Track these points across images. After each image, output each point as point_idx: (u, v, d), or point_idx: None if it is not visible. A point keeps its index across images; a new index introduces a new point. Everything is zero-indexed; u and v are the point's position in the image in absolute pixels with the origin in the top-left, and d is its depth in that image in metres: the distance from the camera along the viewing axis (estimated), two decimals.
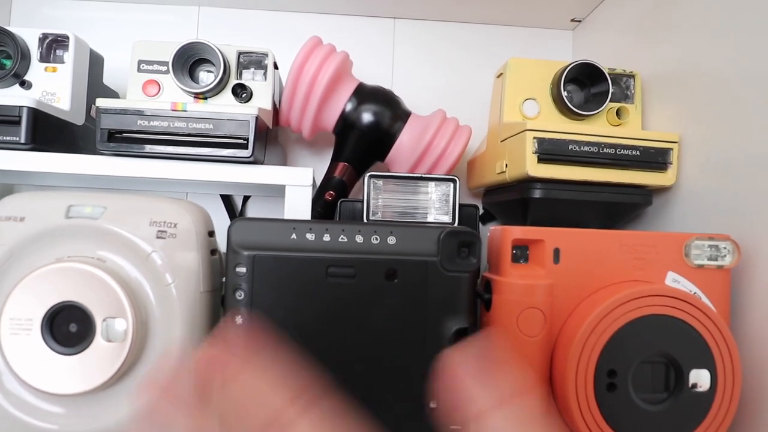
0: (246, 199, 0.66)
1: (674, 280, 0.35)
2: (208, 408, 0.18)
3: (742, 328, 0.36)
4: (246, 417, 0.18)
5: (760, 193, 0.36)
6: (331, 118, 0.55)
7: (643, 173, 0.45)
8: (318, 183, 0.56)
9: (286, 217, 0.44)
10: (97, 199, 0.30)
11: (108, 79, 0.55)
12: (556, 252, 0.34)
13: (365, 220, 0.47)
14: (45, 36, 0.47)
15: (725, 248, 0.36)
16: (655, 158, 0.44)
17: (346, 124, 0.55)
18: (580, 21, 0.67)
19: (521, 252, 0.35)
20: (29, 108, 0.42)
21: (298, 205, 0.45)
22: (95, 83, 0.51)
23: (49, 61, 0.47)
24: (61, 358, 0.27)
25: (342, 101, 0.54)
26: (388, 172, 0.50)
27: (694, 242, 0.36)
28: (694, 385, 0.33)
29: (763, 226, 0.35)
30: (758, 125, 0.37)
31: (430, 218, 0.49)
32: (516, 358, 0.20)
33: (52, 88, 0.47)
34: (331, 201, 0.54)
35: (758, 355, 0.35)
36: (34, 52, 0.47)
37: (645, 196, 0.46)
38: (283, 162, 0.63)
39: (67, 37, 0.47)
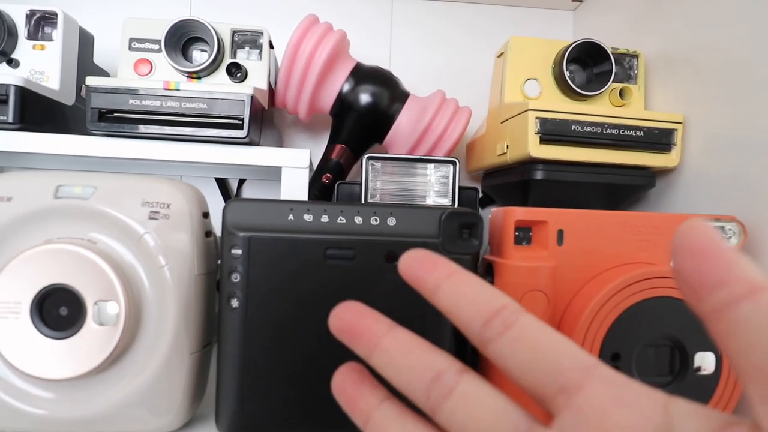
0: (241, 182, 0.65)
1: None
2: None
3: None
4: (409, 373, 0.17)
5: (766, 174, 0.35)
6: (328, 99, 0.53)
7: (646, 154, 0.44)
8: (315, 165, 0.55)
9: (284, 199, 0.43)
10: (87, 178, 0.29)
11: (99, 58, 0.53)
12: (560, 233, 0.33)
13: (363, 203, 0.46)
14: (33, 12, 0.46)
15: (731, 229, 0.35)
16: (658, 139, 0.44)
17: (343, 105, 0.53)
18: (581, 1, 0.66)
19: (524, 234, 0.34)
20: (17, 86, 0.40)
21: (295, 188, 0.44)
22: (85, 62, 0.50)
23: (37, 39, 0.46)
24: (51, 342, 0.26)
25: (339, 81, 0.53)
26: (387, 154, 0.49)
27: None
28: (699, 368, 0.33)
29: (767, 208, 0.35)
30: (763, 105, 0.36)
31: (429, 201, 0.48)
32: None
33: (40, 66, 0.45)
34: (329, 184, 0.53)
35: None
36: (22, 30, 0.45)
37: (648, 177, 0.45)
38: (279, 144, 0.62)
39: (56, 14, 0.46)
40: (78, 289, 0.27)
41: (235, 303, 0.29)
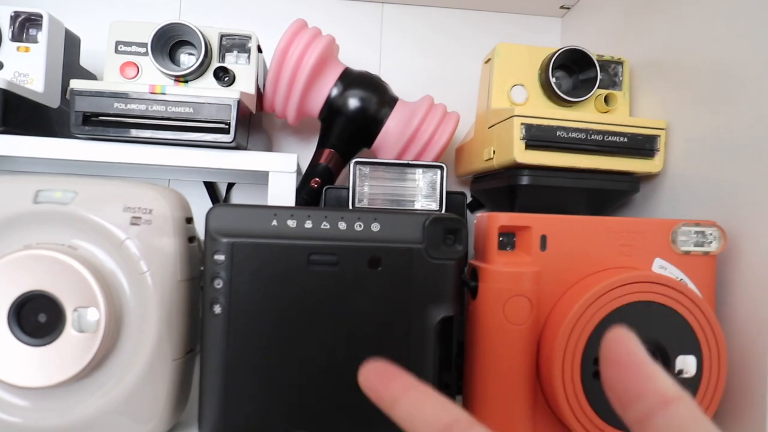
0: (230, 186, 0.65)
1: (661, 267, 0.35)
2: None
3: (727, 314, 0.36)
4: (422, 423, 0.17)
5: (746, 180, 0.36)
6: (317, 104, 0.53)
7: (630, 160, 0.44)
8: (303, 170, 0.55)
9: (270, 204, 0.43)
10: (67, 183, 0.29)
11: (86, 61, 0.53)
12: (543, 239, 0.33)
13: (351, 208, 0.46)
14: (17, 14, 0.45)
15: (711, 234, 0.36)
16: (642, 145, 0.44)
17: (331, 109, 0.53)
18: (569, 8, 0.66)
19: (508, 239, 0.34)
20: (0, 89, 0.40)
21: (282, 192, 0.43)
22: (71, 65, 0.50)
23: (21, 41, 0.45)
24: (29, 349, 0.26)
25: (328, 86, 0.53)
26: (375, 158, 0.49)
27: (681, 228, 0.36)
28: (680, 372, 0.33)
29: (748, 213, 0.35)
30: (744, 113, 0.36)
31: (418, 205, 0.48)
32: None
33: (24, 68, 0.45)
34: (317, 188, 0.53)
35: (744, 341, 0.35)
36: (6, 31, 0.45)
37: (632, 183, 0.46)
38: (268, 149, 0.62)
39: (41, 16, 0.45)
40: (57, 296, 0.27)
41: (217, 309, 0.29)
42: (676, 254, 0.36)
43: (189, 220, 0.32)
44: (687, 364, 0.33)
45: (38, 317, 0.26)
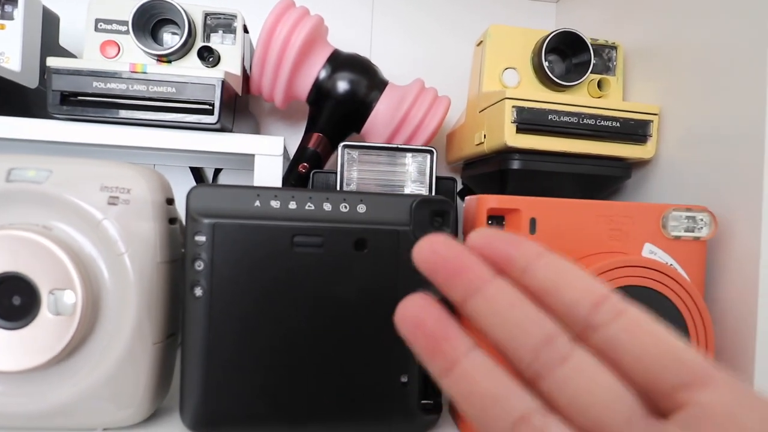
0: (217, 171, 0.64)
1: (651, 252, 0.35)
2: None
3: (717, 299, 0.36)
4: (516, 328, 0.15)
5: (737, 166, 0.35)
6: (305, 86, 0.52)
7: (622, 145, 0.44)
8: (291, 154, 0.54)
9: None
10: (41, 162, 0.28)
11: (65, 40, 0.51)
12: (533, 222, 0.33)
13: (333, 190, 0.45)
14: None
15: (702, 220, 0.35)
16: (635, 130, 0.44)
17: (320, 92, 0.52)
18: None
19: (497, 222, 0.34)
20: None
21: (268, 176, 0.43)
22: (50, 44, 0.48)
23: None
24: (3, 332, 0.25)
25: (316, 68, 0.52)
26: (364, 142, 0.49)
27: (671, 213, 0.35)
28: None
29: (739, 199, 0.35)
30: (736, 99, 0.36)
31: (407, 191, 0.47)
32: None
33: (0, 47, 0.43)
34: (305, 173, 0.52)
35: (732, 326, 0.35)
36: None
37: (624, 168, 0.45)
38: (256, 133, 0.61)
39: None
40: (32, 278, 0.26)
41: (198, 292, 0.28)
42: (667, 239, 0.35)
43: (170, 201, 0.31)
44: None
45: (12, 300, 0.25)
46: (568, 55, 0.48)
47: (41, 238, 0.26)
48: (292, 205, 0.29)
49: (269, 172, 0.43)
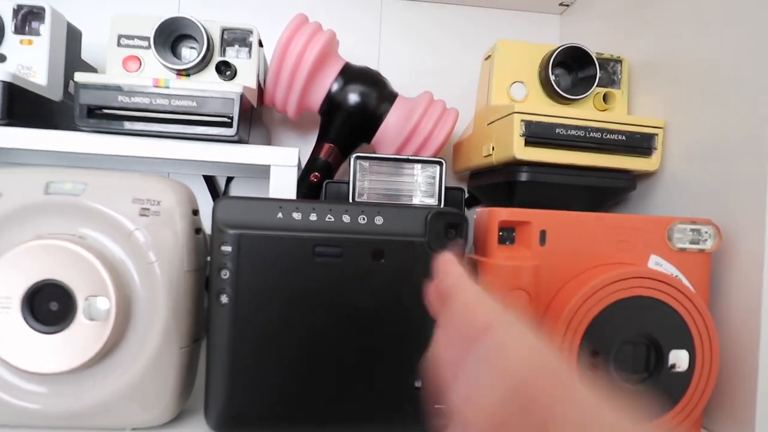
0: (229, 180, 0.65)
1: (657, 263, 0.36)
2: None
3: (721, 310, 0.37)
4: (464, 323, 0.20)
5: (741, 179, 0.37)
6: (317, 98, 0.54)
7: (628, 158, 0.45)
8: (303, 164, 0.55)
9: (273, 197, 0.43)
10: (77, 175, 0.29)
11: (86, 54, 0.53)
12: (543, 234, 0.34)
13: (351, 202, 0.46)
14: (20, 7, 0.45)
15: (707, 232, 0.37)
16: (640, 143, 0.45)
17: (332, 104, 0.54)
18: (568, 5, 0.67)
19: (507, 234, 0.35)
20: (4, 82, 0.40)
21: (284, 186, 0.44)
22: (73, 58, 0.50)
23: (24, 34, 0.45)
24: (42, 336, 0.27)
25: (328, 81, 0.53)
26: (374, 153, 0.50)
27: (676, 226, 0.36)
28: (673, 366, 0.34)
29: (743, 212, 0.36)
30: (740, 112, 0.37)
31: (416, 201, 0.48)
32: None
33: (27, 61, 0.45)
34: (317, 182, 0.53)
35: (736, 337, 0.36)
36: (9, 24, 0.45)
37: (630, 180, 0.47)
38: (268, 142, 0.62)
39: (44, 9, 0.45)
40: (68, 285, 0.27)
41: (224, 299, 0.29)
42: (672, 251, 0.36)
43: (195, 212, 0.32)
44: (680, 358, 0.34)
45: (50, 306, 0.27)
46: (574, 69, 0.49)
47: (77, 247, 0.27)
48: (313, 217, 0.30)
49: (284, 182, 0.44)
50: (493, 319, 0.19)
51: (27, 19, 0.46)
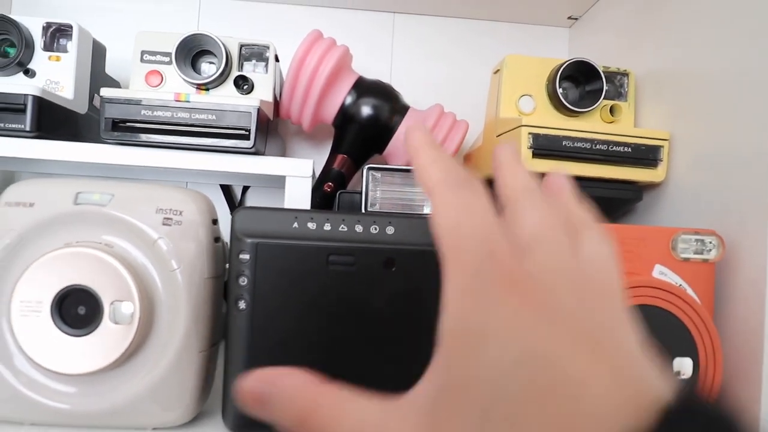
0: (245, 189, 0.67)
1: (661, 273, 0.37)
2: None
3: (725, 320, 0.38)
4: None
5: (745, 191, 0.37)
6: (331, 111, 0.56)
7: (634, 169, 0.46)
8: (317, 174, 0.57)
9: (286, 207, 0.45)
10: (104, 186, 0.31)
11: (109, 68, 0.55)
12: None
13: (363, 212, 0.48)
14: (49, 25, 0.48)
15: (710, 242, 0.37)
16: (646, 155, 0.46)
17: (345, 117, 0.55)
18: (576, 19, 0.68)
19: None
20: (34, 96, 0.42)
21: (298, 196, 0.46)
22: (98, 73, 0.52)
23: (52, 50, 0.48)
24: (70, 339, 0.28)
25: (342, 94, 0.55)
26: (387, 164, 0.51)
27: (680, 236, 0.37)
28: (678, 373, 0.34)
29: (747, 222, 0.37)
30: (744, 124, 0.38)
31: (427, 210, 0.50)
32: None
33: (55, 76, 0.47)
34: (330, 192, 0.55)
35: (740, 345, 0.36)
36: (38, 41, 0.47)
37: (636, 191, 0.47)
38: (283, 153, 0.64)
39: (71, 27, 0.48)
40: (95, 290, 0.29)
41: (242, 305, 0.31)
42: (676, 261, 0.37)
43: (214, 222, 0.34)
44: (684, 366, 0.35)
45: (78, 309, 0.28)
46: (581, 82, 0.50)
47: (104, 254, 0.29)
48: (327, 227, 0.32)
49: (299, 192, 0.46)
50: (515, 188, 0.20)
51: (55, 37, 0.48)
